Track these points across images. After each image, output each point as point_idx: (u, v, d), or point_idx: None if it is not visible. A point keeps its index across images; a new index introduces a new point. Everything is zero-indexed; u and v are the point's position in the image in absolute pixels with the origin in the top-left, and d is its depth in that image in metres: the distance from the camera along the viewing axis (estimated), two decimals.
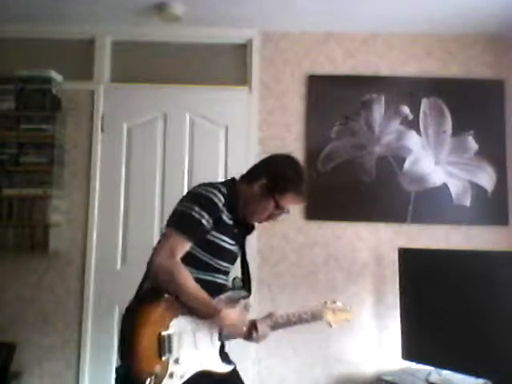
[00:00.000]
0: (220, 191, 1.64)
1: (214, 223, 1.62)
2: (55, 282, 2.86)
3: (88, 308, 2.83)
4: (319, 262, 2.87)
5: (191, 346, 1.60)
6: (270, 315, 1.82)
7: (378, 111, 2.92)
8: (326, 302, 1.98)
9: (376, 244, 2.87)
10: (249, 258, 2.79)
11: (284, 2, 2.66)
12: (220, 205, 1.62)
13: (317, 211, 2.87)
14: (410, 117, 2.91)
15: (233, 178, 1.80)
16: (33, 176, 2.75)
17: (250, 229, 1.84)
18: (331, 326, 1.97)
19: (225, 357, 1.73)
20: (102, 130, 2.96)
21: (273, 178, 1.69)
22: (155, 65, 3.04)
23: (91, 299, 2.84)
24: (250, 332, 1.75)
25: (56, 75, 2.86)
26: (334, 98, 2.93)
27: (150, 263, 1.56)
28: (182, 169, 2.92)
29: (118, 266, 2.87)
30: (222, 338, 1.71)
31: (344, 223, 2.88)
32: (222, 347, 1.74)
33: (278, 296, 2.81)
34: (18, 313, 2.83)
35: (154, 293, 1.57)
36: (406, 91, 2.92)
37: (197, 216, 1.58)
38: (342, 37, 3.00)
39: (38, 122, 2.78)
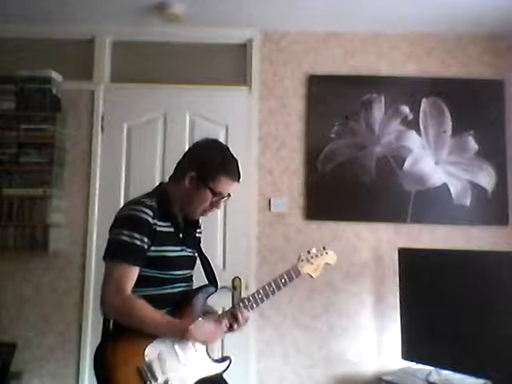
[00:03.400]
0: (145, 205, 1.57)
1: (150, 238, 1.55)
2: (55, 282, 2.86)
3: (88, 308, 2.83)
4: None
5: (176, 362, 1.57)
6: (242, 300, 1.74)
7: (378, 111, 2.92)
8: (300, 255, 1.87)
9: (376, 244, 2.87)
10: (249, 258, 2.83)
11: (284, 2, 2.66)
12: (149, 219, 1.55)
13: (317, 211, 2.87)
14: (410, 117, 2.91)
15: (160, 184, 1.75)
16: (33, 176, 2.74)
17: (196, 225, 1.78)
18: (312, 277, 1.87)
19: (216, 357, 1.71)
20: (102, 130, 2.96)
21: (200, 167, 1.63)
22: (155, 65, 3.04)
23: (91, 299, 2.83)
24: (231, 324, 1.67)
25: (56, 75, 2.86)
26: (334, 97, 2.93)
27: (102, 303, 1.52)
28: None
29: None
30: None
31: (344, 223, 2.88)
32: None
33: (277, 296, 2.79)
34: (18, 313, 2.83)
35: (117, 328, 1.54)
36: (406, 91, 2.92)
37: (128, 240, 1.52)
38: (342, 37, 3.00)
39: (38, 122, 2.77)
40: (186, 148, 2.89)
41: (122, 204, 2.86)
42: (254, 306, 1.74)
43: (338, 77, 2.96)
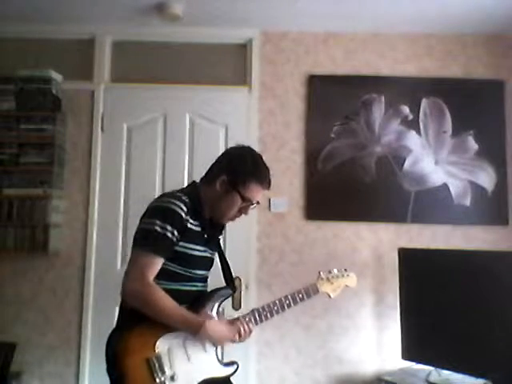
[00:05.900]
0: (180, 200, 1.59)
1: (180, 233, 1.57)
2: (55, 282, 2.86)
3: (88, 308, 2.83)
4: (319, 261, 2.86)
5: (184, 359, 1.57)
6: (252, 312, 1.73)
7: (378, 111, 2.92)
8: (319, 273, 1.88)
9: (376, 244, 2.87)
10: (249, 258, 2.84)
11: (284, 2, 2.66)
12: (183, 214, 1.57)
13: (317, 211, 2.87)
14: (410, 117, 2.91)
15: (193, 182, 1.75)
16: (33, 176, 2.74)
17: (221, 229, 1.80)
18: (330, 297, 1.88)
19: (224, 360, 1.70)
20: (102, 130, 2.96)
21: (232, 172, 1.64)
22: (155, 65, 3.04)
23: (91, 299, 2.84)
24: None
25: (56, 75, 2.86)
26: (334, 97, 2.93)
27: (123, 288, 1.52)
28: (181, 169, 2.92)
29: (118, 266, 2.87)
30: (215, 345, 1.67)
31: (344, 223, 2.88)
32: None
33: (278, 296, 2.80)
34: (18, 313, 2.83)
35: (133, 318, 1.54)
36: (406, 91, 2.92)
37: (160, 230, 1.53)
38: (342, 37, 3.00)
39: (38, 122, 2.77)
40: (186, 148, 2.97)
41: (122, 204, 2.92)
42: (269, 316, 1.74)
43: (338, 77, 2.96)
